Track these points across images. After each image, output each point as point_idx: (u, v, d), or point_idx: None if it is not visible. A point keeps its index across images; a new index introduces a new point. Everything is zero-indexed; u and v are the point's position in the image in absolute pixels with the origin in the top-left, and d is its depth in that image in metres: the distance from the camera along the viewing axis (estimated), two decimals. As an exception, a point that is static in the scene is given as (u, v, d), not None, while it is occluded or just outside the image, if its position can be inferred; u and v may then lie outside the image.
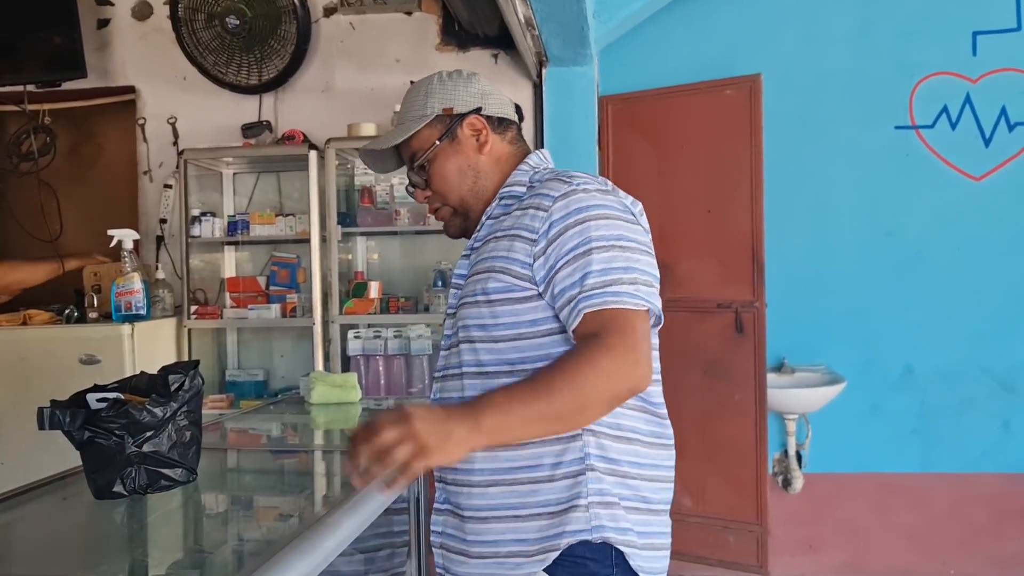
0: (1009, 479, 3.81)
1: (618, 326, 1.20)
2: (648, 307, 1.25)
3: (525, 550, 1.29)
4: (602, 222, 1.26)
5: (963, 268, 3.86)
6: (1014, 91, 3.89)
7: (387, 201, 3.49)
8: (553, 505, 1.28)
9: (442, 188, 1.43)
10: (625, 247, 1.26)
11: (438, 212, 1.47)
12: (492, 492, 1.31)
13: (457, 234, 1.48)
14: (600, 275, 1.23)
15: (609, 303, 1.22)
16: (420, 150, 1.42)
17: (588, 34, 3.18)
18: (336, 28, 3.72)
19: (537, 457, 1.29)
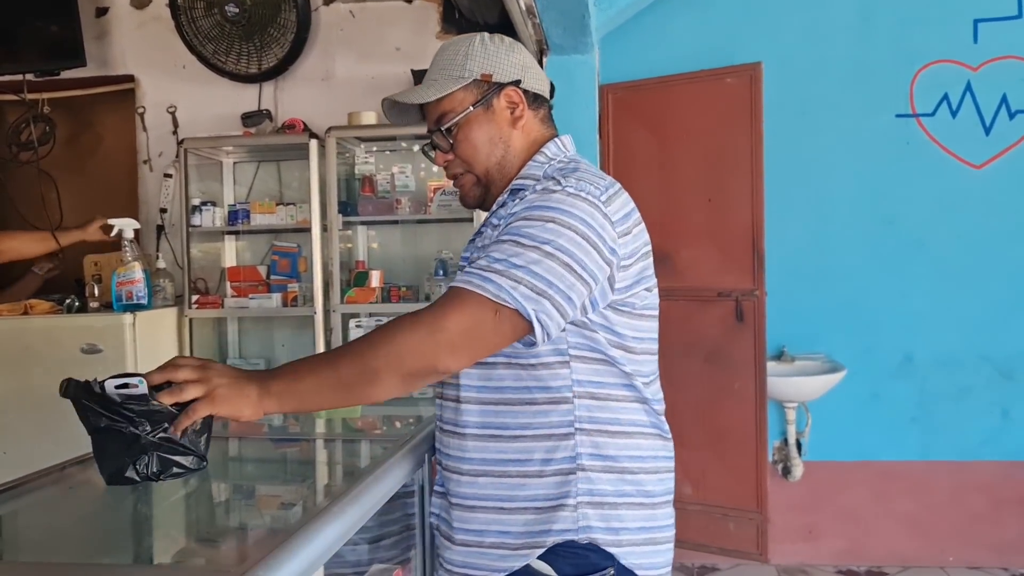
0: (1008, 466, 3.82)
1: (453, 304, 1.16)
2: (515, 307, 1.16)
3: (508, 542, 1.29)
4: (548, 224, 1.20)
5: (963, 256, 3.86)
6: (1015, 79, 3.88)
7: (388, 190, 3.49)
8: (541, 500, 1.28)
9: (469, 155, 1.38)
10: (549, 253, 1.18)
11: (458, 179, 1.42)
12: (481, 482, 1.31)
13: (475, 204, 1.44)
14: (491, 261, 1.18)
15: (472, 284, 1.16)
16: (451, 112, 1.36)
17: (589, 22, 3.17)
18: (336, 16, 3.71)
19: (528, 451, 1.28)
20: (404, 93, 1.39)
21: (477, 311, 1.16)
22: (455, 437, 1.36)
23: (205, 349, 3.60)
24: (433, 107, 1.38)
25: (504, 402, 1.30)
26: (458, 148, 1.37)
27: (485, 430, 1.31)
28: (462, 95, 1.36)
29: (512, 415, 1.30)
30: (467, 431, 1.33)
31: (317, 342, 3.36)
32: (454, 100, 1.36)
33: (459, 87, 1.35)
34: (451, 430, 1.37)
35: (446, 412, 1.39)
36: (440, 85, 1.36)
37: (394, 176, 3.49)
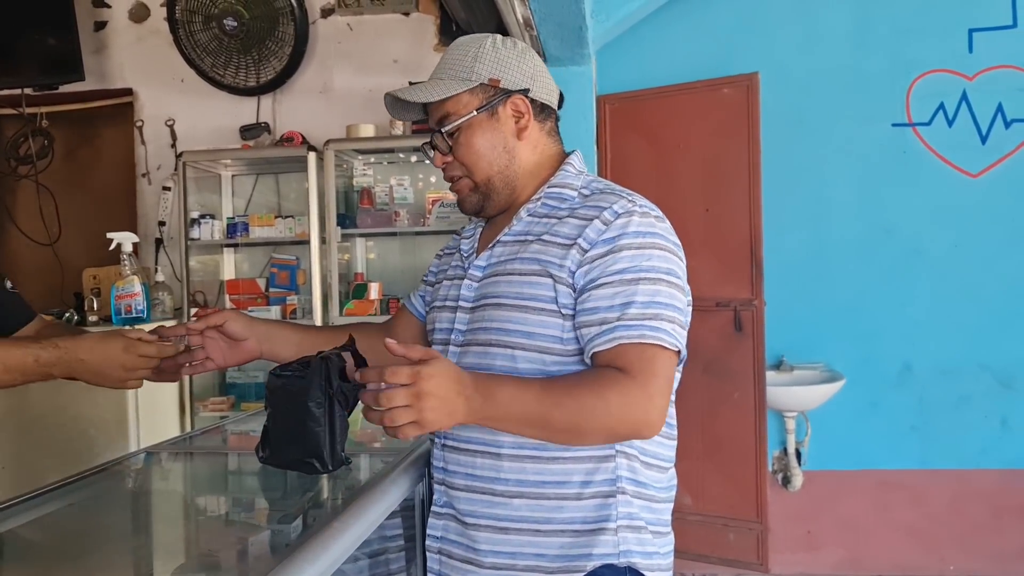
0: (1007, 475, 3.82)
1: (645, 366, 1.16)
2: (679, 349, 1.21)
3: (544, 566, 1.25)
4: (657, 252, 1.22)
5: (961, 265, 3.87)
6: (1011, 88, 3.90)
7: (386, 202, 3.49)
8: (579, 523, 1.24)
9: (469, 160, 1.34)
10: (672, 283, 1.22)
11: (456, 182, 1.37)
12: (516, 504, 1.26)
13: (472, 210, 1.38)
14: (644, 307, 1.19)
15: (647, 337, 1.17)
16: (454, 114, 1.32)
17: (586, 34, 3.18)
18: (334, 29, 3.72)
19: (567, 473, 1.25)
20: (408, 90, 1.35)
21: (667, 366, 1.19)
22: (485, 457, 1.29)
23: (204, 362, 3.59)
24: (436, 107, 1.34)
25: None
26: (457, 152, 1.33)
27: (521, 450, 1.26)
28: (467, 98, 1.32)
29: None
30: (503, 451, 1.27)
31: (316, 354, 3.35)
32: (458, 102, 1.32)
33: (464, 90, 1.31)
34: (477, 449, 1.30)
35: (463, 430, 1.32)
36: (445, 86, 1.32)
37: (392, 188, 3.49)
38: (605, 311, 1.19)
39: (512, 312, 1.26)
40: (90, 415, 3.05)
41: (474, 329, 1.31)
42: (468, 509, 1.31)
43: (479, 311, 1.31)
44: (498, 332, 1.27)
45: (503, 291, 1.28)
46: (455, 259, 1.44)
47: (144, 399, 3.16)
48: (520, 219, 1.34)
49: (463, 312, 1.34)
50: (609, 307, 1.19)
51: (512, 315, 1.26)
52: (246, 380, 3.59)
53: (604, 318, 1.19)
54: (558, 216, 1.30)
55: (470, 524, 1.31)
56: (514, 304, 1.26)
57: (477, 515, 1.30)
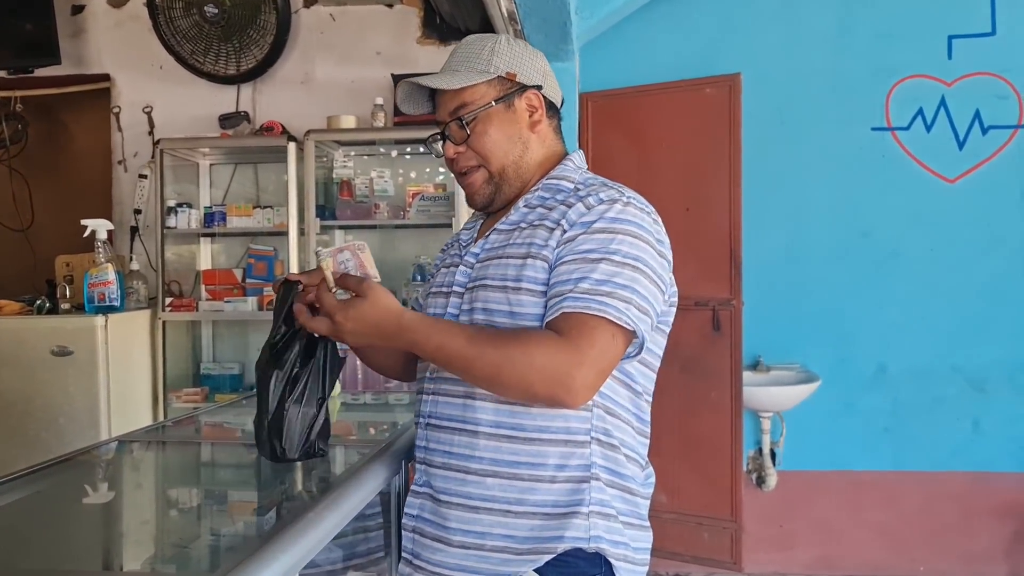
0: (978, 477, 3.86)
1: (582, 334, 1.17)
2: (632, 328, 1.20)
3: (514, 547, 1.26)
4: (628, 239, 1.23)
5: (936, 269, 3.91)
6: (988, 95, 3.94)
7: (366, 194, 3.47)
8: (550, 507, 1.26)
9: (485, 150, 1.35)
10: (638, 269, 1.22)
11: (468, 174, 1.37)
12: (489, 483, 1.27)
13: (483, 203, 1.39)
14: (597, 284, 1.20)
15: (592, 308, 1.18)
16: (471, 104, 1.34)
17: (570, 30, 3.18)
18: (316, 19, 3.69)
19: (542, 456, 1.26)
20: (430, 78, 1.36)
21: (604, 336, 1.18)
22: (462, 435, 1.30)
23: (179, 352, 3.55)
24: (451, 97, 1.35)
25: (520, 403, 1.26)
26: (474, 141, 1.34)
27: (499, 429, 1.27)
28: (484, 89, 1.34)
29: (529, 417, 1.27)
30: (480, 429, 1.28)
31: (293, 347, 3.32)
32: (476, 93, 1.34)
33: (483, 80, 1.34)
34: (456, 427, 1.32)
35: (445, 408, 1.34)
36: (464, 76, 1.34)
37: (373, 181, 3.47)
38: (561, 285, 1.22)
39: (495, 292, 1.29)
40: (60, 404, 3.01)
41: (464, 311, 1.33)
42: (443, 487, 1.33)
43: (468, 293, 1.33)
44: (483, 312, 1.29)
45: (490, 273, 1.31)
46: (454, 249, 1.48)
47: (116, 389, 3.12)
48: (517, 208, 1.37)
49: (456, 296, 1.36)
50: (565, 281, 1.22)
51: (495, 295, 1.29)
52: (220, 371, 3.55)
53: (558, 292, 1.22)
54: (550, 206, 1.33)
55: (443, 502, 1.32)
56: (498, 285, 1.29)
57: (450, 493, 1.31)
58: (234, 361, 3.61)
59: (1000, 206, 3.91)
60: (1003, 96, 3.95)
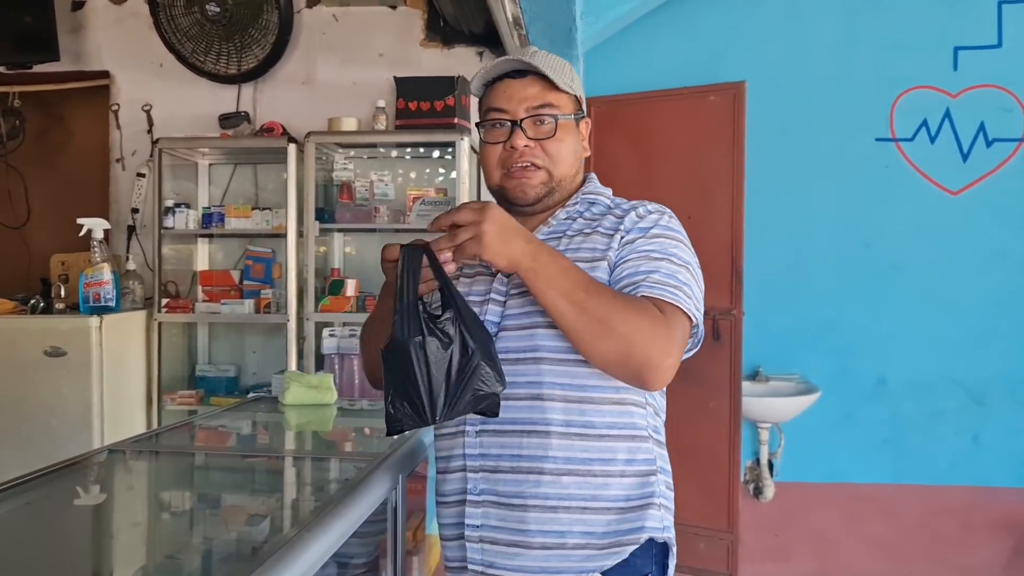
0: (977, 491, 3.85)
1: (668, 317, 1.25)
2: (696, 322, 1.30)
3: (594, 543, 1.29)
4: (682, 246, 1.34)
5: (938, 281, 3.89)
6: (993, 107, 3.92)
7: (366, 198, 3.44)
8: (623, 501, 1.30)
9: (559, 155, 1.37)
10: (692, 272, 1.32)
11: (528, 169, 1.36)
12: (565, 481, 1.29)
13: (532, 201, 1.38)
14: (666, 277, 1.28)
15: (668, 297, 1.26)
16: (558, 108, 1.36)
17: (576, 35, 3.15)
18: (319, 19, 3.66)
19: (612, 451, 1.31)
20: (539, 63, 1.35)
21: (682, 322, 1.27)
22: (533, 436, 1.30)
23: (174, 354, 3.52)
24: (539, 92, 1.36)
25: (589, 400, 1.30)
26: (552, 143, 1.36)
27: (570, 428, 1.29)
28: (567, 101, 1.38)
29: (599, 414, 1.30)
30: (552, 429, 1.30)
31: (289, 350, 3.30)
32: (562, 100, 1.37)
33: (571, 93, 1.39)
34: (525, 429, 1.31)
35: (507, 412, 1.30)
36: (563, 81, 1.36)
37: (373, 184, 3.44)
38: (631, 276, 1.28)
39: None
40: (53, 406, 2.98)
41: (516, 315, 1.33)
42: (514, 491, 1.31)
43: (514, 300, 1.33)
44: (540, 315, 1.29)
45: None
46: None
47: (109, 391, 3.09)
48: (556, 218, 1.41)
49: (495, 304, 1.35)
50: (635, 273, 1.28)
51: None
52: (216, 374, 3.52)
53: (631, 282, 1.28)
54: (593, 217, 1.39)
55: (516, 506, 1.31)
56: None
57: (525, 496, 1.30)
58: (230, 363, 3.58)
59: (1003, 219, 3.89)
60: (1008, 109, 3.93)
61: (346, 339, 3.27)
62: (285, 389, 2.38)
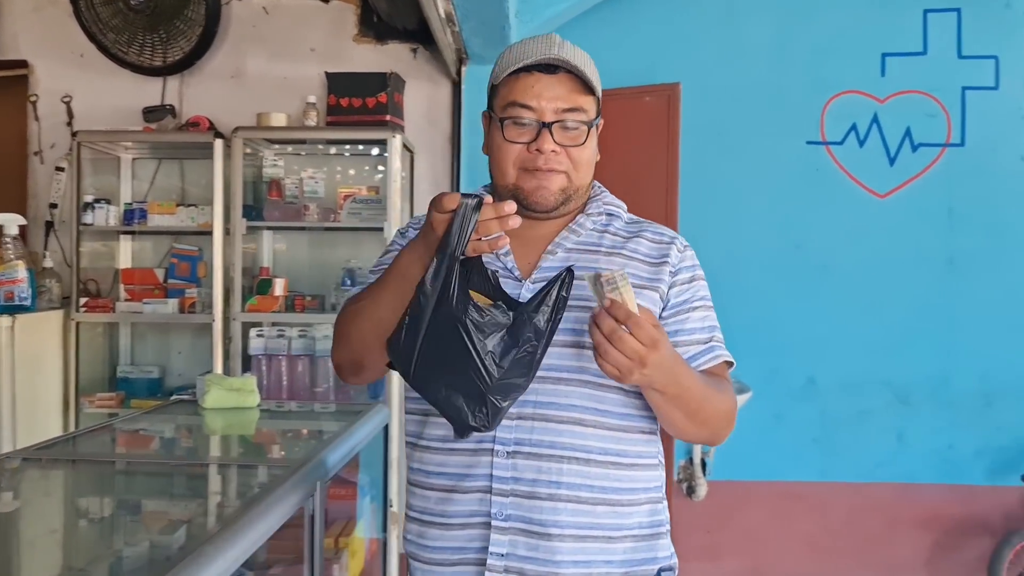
0: (902, 488, 3.93)
1: (730, 378, 1.34)
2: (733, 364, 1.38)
3: (614, 572, 1.26)
4: (706, 284, 1.39)
5: (866, 283, 3.96)
6: (919, 112, 4.01)
7: (296, 195, 3.36)
8: (637, 528, 1.28)
9: (582, 162, 1.28)
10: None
11: (551, 175, 1.27)
12: (599, 511, 1.24)
13: (551, 207, 1.29)
14: (718, 331, 1.35)
15: (725, 357, 1.34)
16: (587, 112, 1.26)
17: (509, 33, 3.13)
18: (248, 12, 3.57)
19: (637, 480, 1.28)
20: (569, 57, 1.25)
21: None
22: (573, 463, 1.24)
23: (94, 355, 3.40)
24: (571, 92, 1.26)
25: (623, 429, 1.27)
26: (579, 150, 1.27)
27: (607, 456, 1.25)
28: (593, 103, 1.29)
29: (631, 443, 1.28)
30: (592, 457, 1.24)
31: (215, 351, 3.21)
32: (590, 103, 1.28)
33: (599, 95, 1.31)
34: (565, 455, 1.23)
35: (545, 435, 1.24)
36: (596, 80, 1.29)
37: (303, 181, 3.36)
38: (700, 332, 1.32)
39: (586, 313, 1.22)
40: (-41, 410, 2.84)
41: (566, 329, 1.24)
42: (551, 519, 1.23)
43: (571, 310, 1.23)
44: (572, 333, 1.25)
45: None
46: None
47: (23, 394, 2.96)
48: (582, 227, 1.34)
49: None
50: (702, 328, 1.32)
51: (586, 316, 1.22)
52: (139, 375, 3.41)
53: (700, 338, 1.31)
54: (617, 234, 1.36)
55: (553, 535, 1.23)
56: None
57: (562, 524, 1.23)
58: (154, 364, 3.47)
59: (928, 223, 3.98)
60: (932, 114, 4.02)
61: (274, 339, 3.20)
62: (205, 392, 2.31)
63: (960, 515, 3.95)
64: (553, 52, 1.24)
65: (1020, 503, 3.91)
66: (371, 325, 1.22)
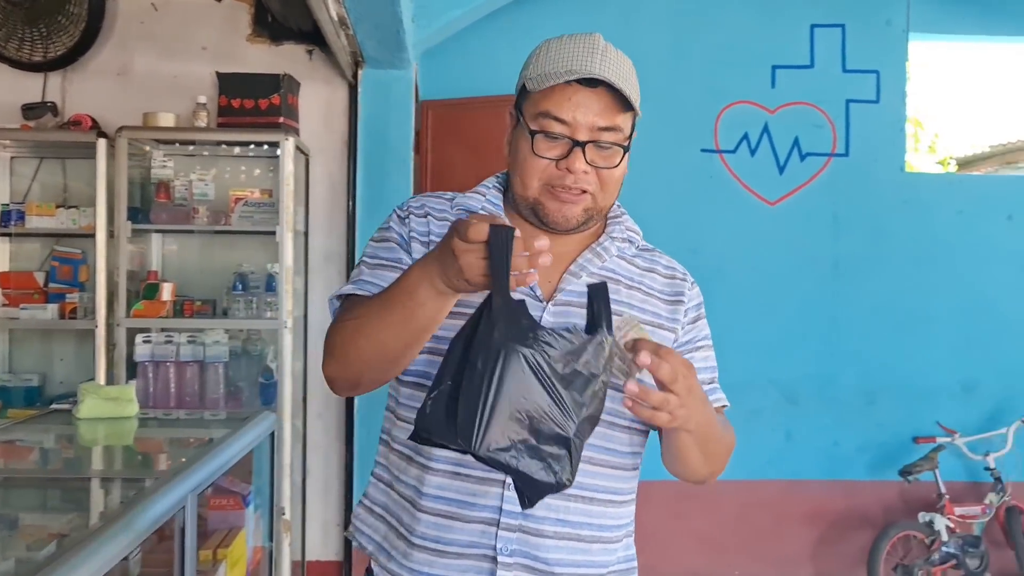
0: (790, 485, 4.08)
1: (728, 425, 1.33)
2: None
3: None
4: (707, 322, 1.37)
5: (757, 287, 4.10)
6: (806, 123, 4.18)
7: (186, 197, 3.27)
8: (616, 563, 1.26)
9: (611, 185, 1.19)
10: None
11: (577, 194, 1.18)
12: (595, 549, 1.21)
13: (574, 226, 1.20)
14: (717, 372, 1.34)
15: (725, 401, 1.34)
16: (623, 132, 1.17)
17: (405, 38, 3.12)
18: (136, 7, 3.45)
19: (625, 516, 1.27)
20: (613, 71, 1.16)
21: None
22: (578, 501, 1.19)
23: (-33, 363, 3.24)
24: (610, 110, 1.16)
25: (622, 467, 1.24)
26: (611, 172, 1.18)
27: (606, 495, 1.22)
28: (629, 120, 1.19)
29: (624, 480, 1.25)
30: (596, 495, 1.21)
31: (98, 359, 3.09)
32: (627, 121, 1.18)
33: (637, 112, 1.20)
34: (572, 493, 1.17)
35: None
36: (637, 96, 1.19)
37: (192, 183, 3.28)
38: (704, 371, 1.28)
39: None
40: None
41: None
42: (556, 558, 1.18)
43: None
44: None
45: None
46: None
47: None
48: (607, 251, 1.27)
49: None
50: (706, 368, 1.30)
51: None
52: (17, 383, 3.26)
53: (704, 379, 1.25)
54: (633, 263, 1.31)
55: (556, 574, 1.19)
56: None
57: (564, 563, 1.19)
58: (32, 372, 3.33)
59: (814, 229, 4.15)
60: (819, 125, 4.20)
61: (161, 346, 3.11)
62: (80, 402, 2.23)
63: (843, 509, 4.13)
64: (595, 65, 1.15)
65: (898, 496, 4.11)
66: (373, 346, 1.11)
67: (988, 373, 4.20)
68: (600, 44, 1.20)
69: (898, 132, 4.29)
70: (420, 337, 1.09)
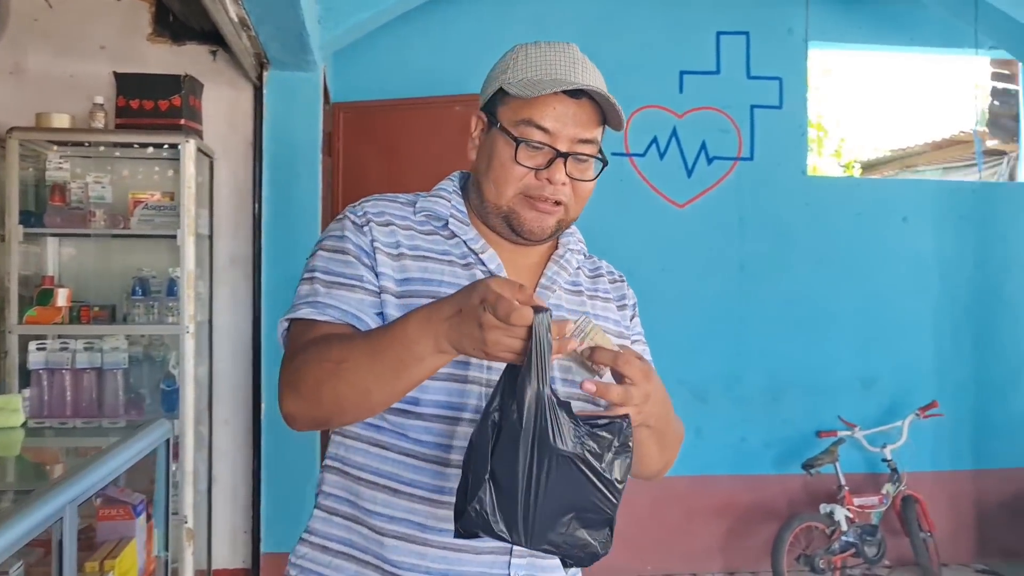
0: (699, 480, 4.18)
1: None
2: None
3: None
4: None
5: (666, 287, 4.19)
6: (713, 128, 4.30)
7: (82, 200, 3.18)
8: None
9: (582, 197, 1.18)
10: None
11: (556, 208, 1.16)
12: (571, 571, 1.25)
13: (543, 239, 1.19)
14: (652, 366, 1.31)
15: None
16: (598, 143, 1.18)
17: (309, 40, 3.09)
18: (29, 5, 3.34)
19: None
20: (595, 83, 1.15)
21: None
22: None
23: None
24: (591, 123, 1.16)
25: None
26: (585, 185, 1.18)
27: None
28: (602, 133, 1.19)
29: None
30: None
31: (-12, 367, 2.98)
32: (600, 134, 1.19)
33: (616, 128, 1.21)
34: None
35: None
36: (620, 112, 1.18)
37: (89, 186, 3.18)
38: None
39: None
40: None
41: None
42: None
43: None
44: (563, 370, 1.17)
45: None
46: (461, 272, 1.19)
47: None
48: (568, 263, 1.26)
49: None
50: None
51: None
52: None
53: None
54: (584, 271, 1.31)
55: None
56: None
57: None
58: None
59: (721, 231, 4.27)
60: (725, 130, 4.32)
61: (56, 353, 3.01)
62: (-39, 412, 2.15)
63: (750, 502, 4.25)
64: (578, 76, 1.15)
65: (802, 489, 4.25)
66: (356, 394, 1.02)
67: (885, 369, 4.39)
68: (579, 55, 1.20)
69: (800, 137, 4.44)
70: (411, 388, 1.03)
